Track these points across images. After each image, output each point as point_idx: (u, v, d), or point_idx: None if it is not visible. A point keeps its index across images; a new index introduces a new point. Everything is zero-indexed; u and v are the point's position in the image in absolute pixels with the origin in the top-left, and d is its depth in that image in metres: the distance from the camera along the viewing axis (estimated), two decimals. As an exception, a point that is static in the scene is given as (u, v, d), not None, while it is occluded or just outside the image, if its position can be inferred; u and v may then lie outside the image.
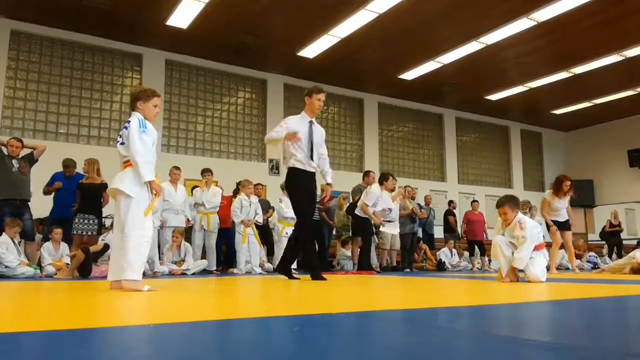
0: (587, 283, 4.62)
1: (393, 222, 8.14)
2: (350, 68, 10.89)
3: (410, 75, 11.33)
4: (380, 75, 11.53)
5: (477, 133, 14.78)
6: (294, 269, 7.68)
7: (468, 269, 10.01)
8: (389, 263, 8.74)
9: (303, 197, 4.77)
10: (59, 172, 6.89)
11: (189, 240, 7.52)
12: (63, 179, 6.83)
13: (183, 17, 8.61)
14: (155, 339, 1.34)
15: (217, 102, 11.05)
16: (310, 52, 10.08)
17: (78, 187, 6.55)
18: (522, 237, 4.37)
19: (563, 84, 11.80)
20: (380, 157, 12.88)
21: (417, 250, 9.70)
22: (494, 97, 12.78)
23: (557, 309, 2.32)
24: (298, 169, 4.77)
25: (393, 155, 13.23)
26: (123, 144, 3.23)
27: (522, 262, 4.32)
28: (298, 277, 5.06)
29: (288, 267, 5.03)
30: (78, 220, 6.38)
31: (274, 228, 8.20)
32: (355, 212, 7.67)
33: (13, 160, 6.28)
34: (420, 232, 9.72)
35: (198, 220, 7.56)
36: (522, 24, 8.86)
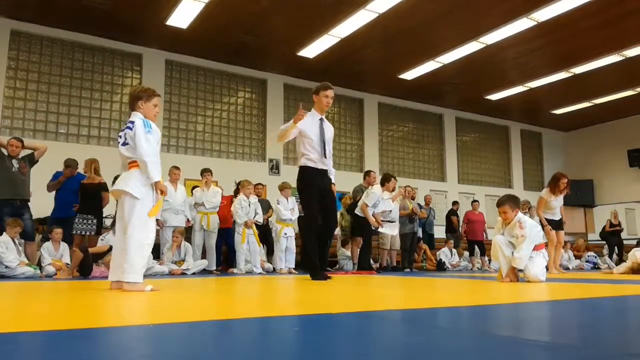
0: (587, 283, 4.62)
1: (393, 222, 8.14)
2: (350, 68, 10.89)
3: (410, 75, 11.33)
4: (380, 75, 11.53)
5: (477, 133, 14.78)
6: (293, 268, 7.72)
7: (468, 269, 10.01)
8: (389, 263, 8.74)
9: (312, 196, 4.76)
10: (60, 171, 6.89)
11: (189, 240, 7.52)
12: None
13: (183, 17, 8.61)
14: (155, 339, 1.34)
15: (217, 102, 11.05)
16: (310, 52, 10.08)
17: (79, 187, 6.56)
18: (521, 236, 4.36)
19: (563, 84, 11.80)
20: (380, 157, 12.87)
21: (417, 250, 9.70)
22: (494, 97, 12.78)
23: (557, 309, 2.32)
24: (309, 167, 4.75)
25: (393, 155, 13.23)
26: (125, 145, 3.19)
27: (521, 262, 4.31)
28: (330, 277, 4.97)
29: (323, 268, 4.96)
30: (78, 221, 6.39)
31: (273, 228, 8.21)
32: (355, 212, 7.67)
33: (13, 161, 6.27)
34: (420, 232, 9.72)
35: (198, 220, 7.57)
36: (522, 24, 8.86)
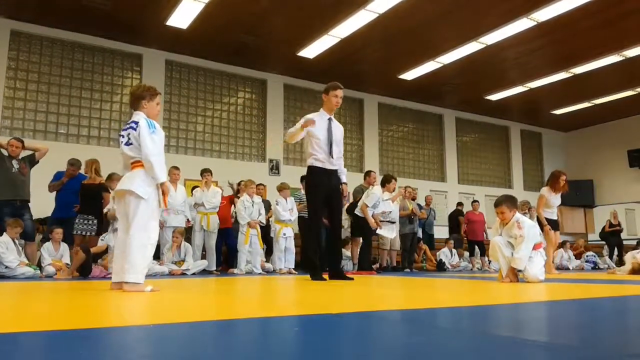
0: (587, 283, 4.62)
1: (393, 222, 8.14)
2: (350, 68, 10.89)
3: (410, 76, 11.32)
4: (380, 76, 11.53)
5: (477, 133, 14.77)
6: (293, 268, 7.72)
7: (468, 269, 10.01)
8: (389, 263, 8.74)
9: (317, 197, 4.76)
10: (62, 171, 6.88)
11: (189, 241, 7.52)
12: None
13: (183, 17, 8.61)
14: (156, 339, 1.34)
15: (217, 102, 11.05)
16: (310, 52, 10.08)
17: (80, 187, 6.55)
18: (519, 236, 4.36)
19: (563, 84, 11.80)
20: (380, 157, 12.87)
21: (417, 251, 9.70)
22: (494, 97, 12.77)
23: (557, 309, 2.32)
24: (316, 167, 4.74)
25: (393, 156, 13.23)
26: (129, 145, 3.17)
27: (521, 262, 4.30)
28: (352, 277, 4.93)
29: (338, 269, 4.91)
30: (78, 221, 6.39)
31: (272, 228, 8.20)
32: (355, 212, 7.67)
33: (13, 161, 6.27)
34: (420, 232, 9.72)
35: (198, 221, 7.57)
36: (522, 24, 8.86)
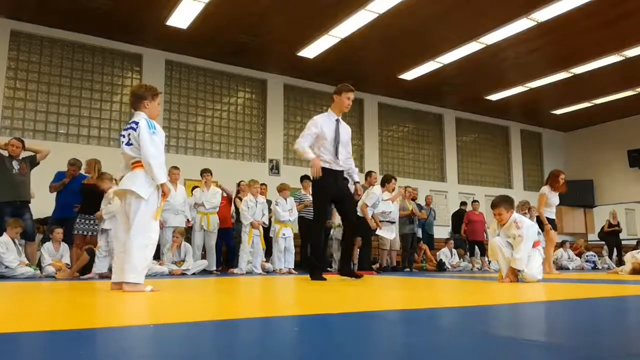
0: (587, 283, 4.62)
1: (393, 223, 8.14)
2: (350, 68, 10.89)
3: (410, 76, 11.32)
4: (380, 76, 11.53)
5: (477, 133, 14.77)
6: (293, 268, 7.71)
7: (468, 269, 10.00)
8: (389, 263, 8.74)
9: (323, 198, 4.76)
10: (62, 171, 6.88)
11: (189, 241, 7.52)
12: (64, 178, 6.81)
13: (183, 17, 8.61)
14: (156, 339, 1.34)
15: (217, 102, 11.04)
16: (310, 52, 10.08)
17: (81, 187, 6.54)
18: (518, 236, 4.35)
19: (563, 84, 11.79)
20: (380, 157, 12.87)
21: (417, 251, 9.70)
22: (494, 97, 12.77)
23: (556, 309, 2.32)
24: (323, 168, 4.72)
25: (393, 156, 13.23)
26: (130, 145, 3.17)
27: (521, 262, 4.30)
28: (361, 275, 4.95)
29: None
30: (79, 221, 6.38)
31: (272, 228, 8.19)
32: (355, 212, 7.67)
33: (14, 162, 6.27)
34: (420, 232, 9.72)
35: (198, 221, 7.56)
36: (522, 24, 8.85)
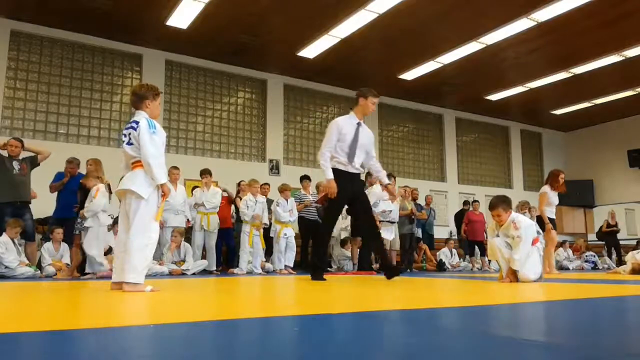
0: (586, 283, 4.62)
1: (393, 222, 8.13)
2: (350, 68, 10.89)
3: (410, 76, 11.32)
4: (380, 76, 11.52)
5: (477, 133, 14.77)
6: (292, 268, 7.71)
7: (468, 269, 10.00)
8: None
9: (337, 201, 4.73)
10: (62, 172, 6.87)
11: (189, 241, 7.52)
12: (64, 178, 6.81)
13: (183, 17, 8.61)
14: (155, 339, 1.34)
15: (217, 102, 11.04)
16: (310, 52, 10.08)
17: (78, 187, 6.53)
18: (517, 236, 4.34)
19: (563, 84, 11.79)
20: (380, 157, 12.85)
21: (417, 251, 9.70)
22: (494, 97, 12.77)
23: (556, 309, 2.32)
24: (338, 170, 4.70)
25: (393, 156, 13.23)
26: (130, 145, 3.17)
27: (520, 263, 4.30)
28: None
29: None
30: (79, 220, 6.38)
31: (272, 228, 8.19)
32: (355, 212, 7.66)
33: (14, 162, 6.27)
34: (420, 232, 9.72)
35: (198, 221, 7.56)
36: (522, 24, 8.85)
